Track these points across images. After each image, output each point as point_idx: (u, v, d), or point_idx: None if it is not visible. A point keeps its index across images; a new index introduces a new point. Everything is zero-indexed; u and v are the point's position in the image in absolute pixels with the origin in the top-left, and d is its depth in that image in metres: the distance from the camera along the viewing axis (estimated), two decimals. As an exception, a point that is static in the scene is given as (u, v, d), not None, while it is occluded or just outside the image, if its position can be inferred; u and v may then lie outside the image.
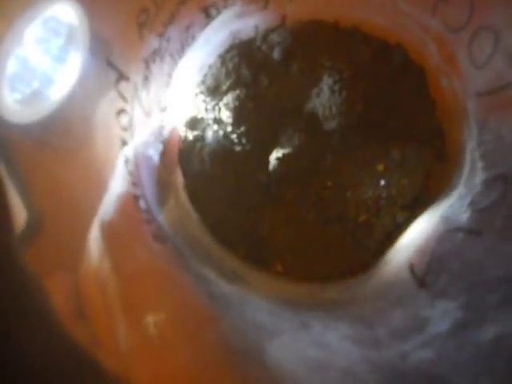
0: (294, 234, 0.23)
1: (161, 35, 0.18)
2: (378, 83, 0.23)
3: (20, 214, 0.12)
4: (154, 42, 0.17)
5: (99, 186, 0.15)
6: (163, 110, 0.20)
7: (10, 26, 0.12)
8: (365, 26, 0.24)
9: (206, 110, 0.24)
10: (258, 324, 0.15)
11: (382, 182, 0.23)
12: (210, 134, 0.24)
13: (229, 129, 0.23)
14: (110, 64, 0.14)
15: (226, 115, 0.23)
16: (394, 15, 0.22)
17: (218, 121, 0.24)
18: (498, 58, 0.18)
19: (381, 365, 0.12)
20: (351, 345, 0.13)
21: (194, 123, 0.24)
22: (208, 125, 0.24)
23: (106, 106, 0.15)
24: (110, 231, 0.14)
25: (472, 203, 0.20)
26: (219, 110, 0.24)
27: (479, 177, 0.20)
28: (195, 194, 0.24)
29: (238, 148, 0.23)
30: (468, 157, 0.21)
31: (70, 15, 0.14)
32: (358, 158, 0.23)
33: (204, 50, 0.23)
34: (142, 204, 0.17)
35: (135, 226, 0.16)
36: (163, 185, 0.22)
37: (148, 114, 0.18)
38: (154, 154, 0.20)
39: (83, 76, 0.13)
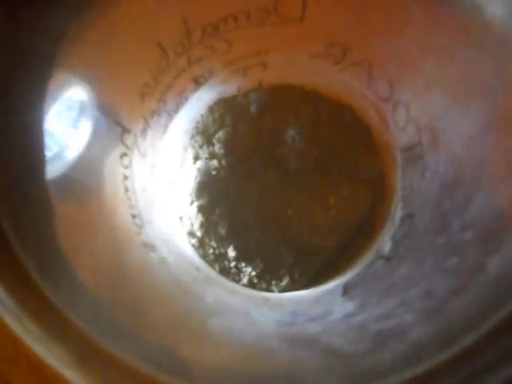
0: (260, 252, 0.29)
1: (159, 100, 0.24)
2: (332, 135, 0.30)
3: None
4: (152, 105, 0.24)
5: (108, 229, 0.20)
6: (157, 151, 0.26)
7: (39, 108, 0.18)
8: (324, 91, 0.30)
9: (201, 147, 0.31)
10: (207, 304, 0.21)
11: (332, 212, 0.29)
12: (203, 166, 0.30)
13: (222, 160, 0.29)
14: (117, 123, 0.21)
15: (218, 147, 0.30)
16: (344, 85, 0.28)
17: (211, 154, 0.30)
18: (410, 125, 0.24)
19: (285, 333, 0.17)
20: (273, 324, 0.19)
21: (193, 159, 0.31)
22: (204, 158, 0.30)
23: (113, 161, 0.21)
24: None
25: (393, 236, 0.25)
26: (213, 144, 0.30)
27: (398, 215, 0.25)
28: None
29: (226, 178, 0.29)
30: (396, 198, 0.27)
31: (81, 94, 0.20)
32: (314, 192, 0.29)
33: (196, 106, 0.29)
34: (137, 221, 0.23)
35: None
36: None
37: (144, 155, 0.24)
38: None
39: (93, 138, 0.19)
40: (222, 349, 0.15)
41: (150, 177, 0.26)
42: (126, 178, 0.22)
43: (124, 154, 0.22)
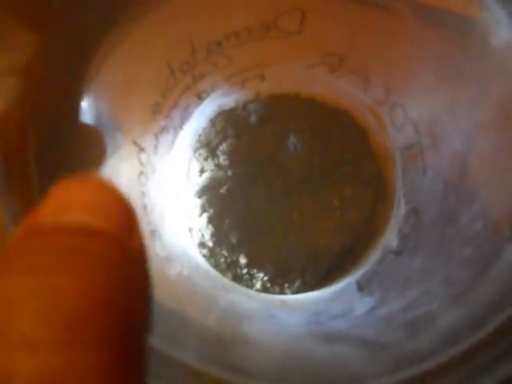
0: (270, 257, 0.30)
1: (167, 117, 0.25)
2: (331, 140, 0.31)
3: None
4: (162, 122, 0.25)
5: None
6: (165, 166, 0.27)
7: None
8: (320, 98, 0.31)
9: (206, 160, 0.32)
10: (233, 311, 0.21)
11: (337, 214, 0.30)
12: (210, 178, 0.31)
13: (228, 171, 0.30)
14: (135, 143, 0.22)
15: (223, 159, 0.31)
16: (340, 91, 0.29)
17: (217, 166, 0.31)
18: (408, 126, 0.26)
19: (317, 332, 0.18)
20: (300, 325, 0.20)
21: (199, 172, 0.31)
22: (210, 170, 0.31)
23: (132, 179, 0.22)
24: None
25: (399, 232, 0.27)
26: (218, 156, 0.31)
27: (402, 211, 0.27)
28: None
29: (233, 188, 0.30)
30: (397, 195, 0.28)
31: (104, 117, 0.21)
32: (317, 196, 0.30)
33: (198, 120, 0.30)
34: (156, 236, 0.24)
35: None
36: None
37: (154, 170, 0.25)
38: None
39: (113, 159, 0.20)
40: (263, 350, 0.16)
41: (160, 192, 0.27)
42: (144, 194, 0.23)
43: (141, 173, 0.23)
